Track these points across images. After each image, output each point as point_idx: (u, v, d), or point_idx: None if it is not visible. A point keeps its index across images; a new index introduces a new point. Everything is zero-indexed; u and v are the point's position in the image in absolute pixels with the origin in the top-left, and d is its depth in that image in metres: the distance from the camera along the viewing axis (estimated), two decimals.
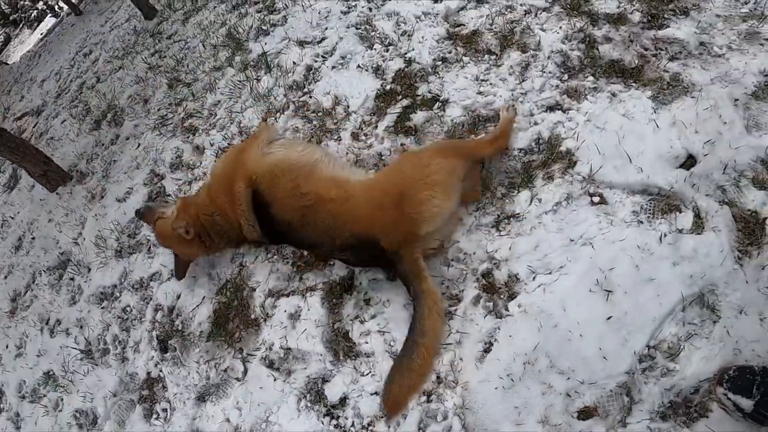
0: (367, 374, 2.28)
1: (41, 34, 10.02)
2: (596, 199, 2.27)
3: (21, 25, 11.92)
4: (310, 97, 3.40)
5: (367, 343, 2.34)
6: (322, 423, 2.24)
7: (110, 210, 3.76)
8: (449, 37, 3.30)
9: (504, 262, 2.27)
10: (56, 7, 10.28)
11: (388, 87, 3.18)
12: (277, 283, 2.71)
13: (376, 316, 2.39)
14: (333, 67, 3.53)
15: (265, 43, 4.10)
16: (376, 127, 3.04)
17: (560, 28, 3.00)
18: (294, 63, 3.74)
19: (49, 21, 10.19)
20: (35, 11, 11.09)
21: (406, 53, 3.32)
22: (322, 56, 3.69)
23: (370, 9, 3.90)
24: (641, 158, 2.31)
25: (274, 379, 2.44)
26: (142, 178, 3.77)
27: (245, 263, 2.89)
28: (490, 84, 2.92)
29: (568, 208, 2.28)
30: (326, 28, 3.93)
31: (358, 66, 3.41)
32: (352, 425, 2.21)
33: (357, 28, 3.75)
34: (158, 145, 3.95)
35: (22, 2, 12.23)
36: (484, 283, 2.29)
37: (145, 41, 5.65)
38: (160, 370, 2.84)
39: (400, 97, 3.10)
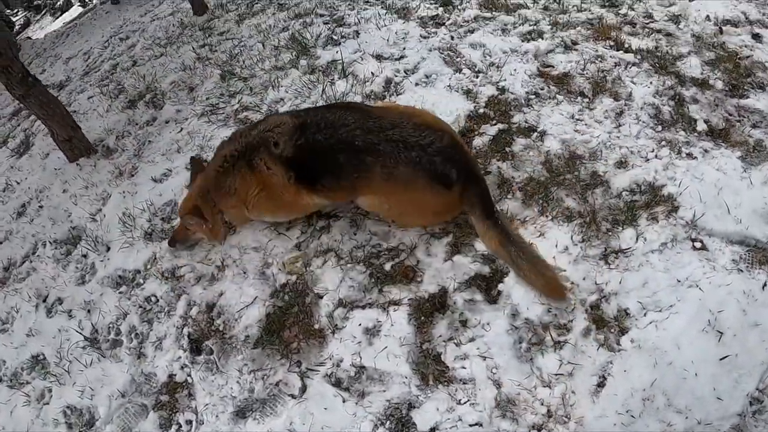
0: (465, 402, 1.98)
1: (63, 22, 9.77)
2: (698, 244, 2.30)
3: (44, 12, 11.66)
4: None
5: (464, 368, 2.06)
6: None
7: (142, 189, 3.40)
8: (540, 74, 3.29)
9: (613, 295, 2.19)
10: None
11: (480, 110, 3.10)
12: (350, 292, 2.39)
13: (474, 339, 2.13)
14: (417, 84, 3.43)
15: (337, 52, 3.94)
16: (470, 145, 2.90)
17: (650, 83, 3.10)
18: (372, 74, 3.60)
19: (75, 11, 9.96)
20: (61, 0, 10.89)
21: (498, 82, 3.27)
22: (404, 72, 3.55)
23: (452, 37, 3.87)
24: (738, 210, 2.34)
25: (344, 401, 2.06)
26: (184, 162, 3.44)
27: (311, 264, 2.54)
28: (585, 124, 2.91)
29: (673, 250, 2.28)
30: (404, 48, 3.84)
31: (447, 86, 3.30)
32: None
33: (441, 52, 3.67)
34: (206, 132, 3.66)
35: None
36: (594, 315, 2.15)
37: (194, 34, 5.48)
38: (188, 374, 2.41)
39: (495, 121, 3.01)
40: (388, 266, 2.45)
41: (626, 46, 3.42)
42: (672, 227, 2.34)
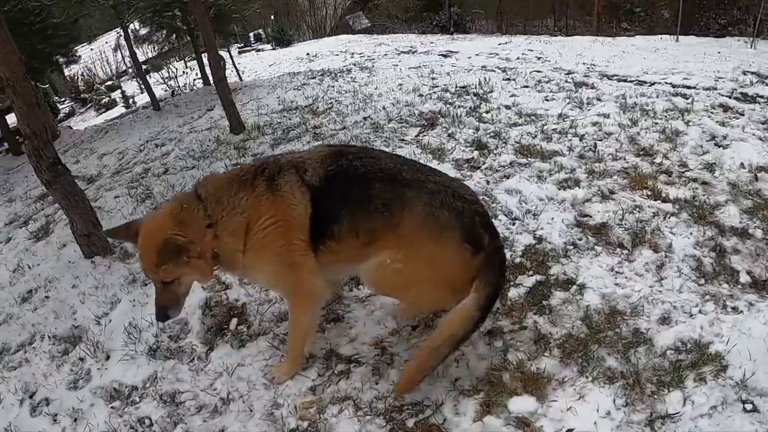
0: None
1: (105, 119, 10.40)
2: (749, 406, 2.18)
3: (89, 106, 12.53)
4: None
5: None
6: None
7: (153, 301, 3.31)
8: (578, 224, 3.41)
9: None
10: (131, 101, 10.91)
11: (517, 260, 3.16)
12: None
13: None
14: None
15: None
16: (505, 296, 2.90)
17: (690, 233, 3.18)
18: None
19: (118, 110, 10.68)
20: (107, 98, 11.76)
21: (535, 230, 3.37)
22: None
23: (488, 182, 4.02)
24: None
25: None
26: None
27: (325, 411, 2.41)
28: (626, 277, 2.95)
29: (723, 414, 2.15)
30: None
31: None
32: None
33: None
34: None
35: (97, 86, 13.07)
36: None
37: (228, 151, 5.78)
38: None
39: (531, 272, 3.07)
40: (410, 422, 2.32)
41: (663, 195, 3.58)
42: (721, 388, 2.24)
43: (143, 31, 9.63)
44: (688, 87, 6.21)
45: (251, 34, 24.31)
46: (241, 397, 2.60)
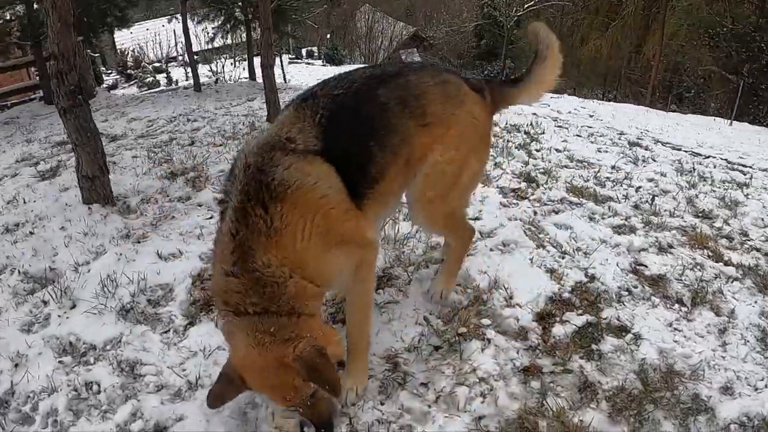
0: None
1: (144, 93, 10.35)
2: None
3: (132, 82, 12.55)
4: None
5: None
6: None
7: (142, 259, 3.04)
8: (633, 271, 3.02)
9: None
10: (175, 83, 10.85)
11: (565, 295, 2.74)
12: None
13: None
14: (492, 249, 3.12)
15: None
16: (548, 332, 2.49)
17: (755, 302, 2.85)
18: None
19: (160, 90, 10.60)
20: (152, 78, 11.75)
21: (586, 268, 2.97)
22: (480, 234, 3.22)
23: (535, 213, 3.64)
24: None
25: None
26: (202, 250, 3.07)
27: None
28: (685, 336, 2.59)
29: None
30: (481, 210, 3.62)
31: (529, 260, 3.01)
32: None
33: (523, 224, 3.38)
34: None
35: (145, 65, 13.14)
36: None
37: (260, 136, 5.41)
38: None
39: (581, 311, 2.64)
40: None
41: (726, 258, 3.23)
42: None
43: (202, 11, 9.67)
44: (744, 165, 6.01)
45: (304, 50, 24.66)
46: None
